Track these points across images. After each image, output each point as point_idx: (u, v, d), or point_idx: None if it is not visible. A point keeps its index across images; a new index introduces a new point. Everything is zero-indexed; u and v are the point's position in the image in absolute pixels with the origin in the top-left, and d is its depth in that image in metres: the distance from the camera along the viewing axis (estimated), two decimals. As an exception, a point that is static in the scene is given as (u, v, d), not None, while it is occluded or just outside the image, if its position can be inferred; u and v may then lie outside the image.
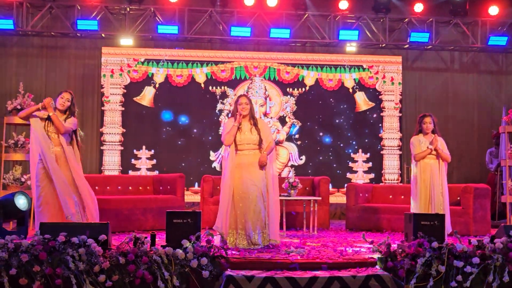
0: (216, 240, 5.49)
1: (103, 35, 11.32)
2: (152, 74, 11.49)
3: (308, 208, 8.29)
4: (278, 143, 11.72)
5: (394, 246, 5.34)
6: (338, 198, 11.49)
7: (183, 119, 11.54)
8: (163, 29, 11.07)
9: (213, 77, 11.64)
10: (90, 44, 11.56)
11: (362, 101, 11.94)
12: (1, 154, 9.36)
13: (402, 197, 9.02)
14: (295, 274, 4.98)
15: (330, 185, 9.59)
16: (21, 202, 6.22)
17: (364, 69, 11.94)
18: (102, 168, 11.27)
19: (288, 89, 11.81)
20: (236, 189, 6.37)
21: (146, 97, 11.47)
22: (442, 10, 11.82)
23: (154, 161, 11.42)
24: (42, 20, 10.99)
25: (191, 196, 11.17)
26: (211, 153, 11.54)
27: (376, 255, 5.31)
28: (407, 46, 11.96)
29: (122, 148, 11.38)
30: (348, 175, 11.80)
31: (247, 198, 6.33)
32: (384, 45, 11.84)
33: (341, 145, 11.88)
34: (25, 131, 8.89)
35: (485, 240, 5.26)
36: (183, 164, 11.36)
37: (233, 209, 6.36)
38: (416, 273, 5.01)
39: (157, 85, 11.47)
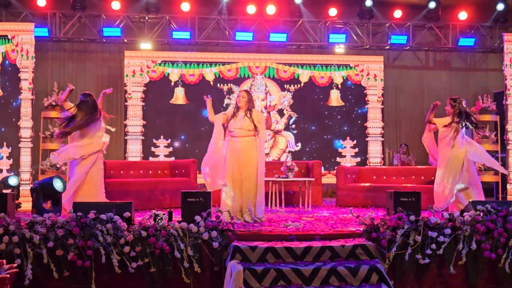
0: (225, 216, 5.50)
1: (125, 40, 11.30)
2: (168, 74, 11.45)
3: (303, 188, 8.28)
4: (277, 132, 11.71)
5: (377, 220, 5.34)
6: (329, 179, 11.46)
7: (196, 113, 11.51)
8: (177, 34, 11.06)
9: (221, 76, 11.60)
10: (114, 49, 11.57)
11: (335, 98, 11.86)
12: (39, 143, 9.38)
13: (384, 177, 9.01)
14: (292, 245, 4.99)
15: (322, 168, 9.58)
16: (58, 185, 6.25)
17: (351, 68, 11.88)
18: (126, 155, 11.27)
19: (285, 86, 11.77)
20: (230, 172, 6.35)
21: (179, 97, 11.46)
22: (418, 15, 11.76)
23: (170, 149, 11.42)
24: (72, 28, 10.95)
25: (203, 179, 11.13)
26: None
27: (362, 228, 5.32)
28: (388, 47, 11.93)
29: (143, 138, 11.38)
30: (338, 159, 11.79)
31: (238, 181, 6.32)
32: (368, 46, 11.78)
33: (332, 133, 11.85)
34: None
35: (456, 213, 5.26)
36: (195, 151, 11.31)
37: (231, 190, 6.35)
38: (396, 243, 4.99)
39: (179, 84, 11.43)
